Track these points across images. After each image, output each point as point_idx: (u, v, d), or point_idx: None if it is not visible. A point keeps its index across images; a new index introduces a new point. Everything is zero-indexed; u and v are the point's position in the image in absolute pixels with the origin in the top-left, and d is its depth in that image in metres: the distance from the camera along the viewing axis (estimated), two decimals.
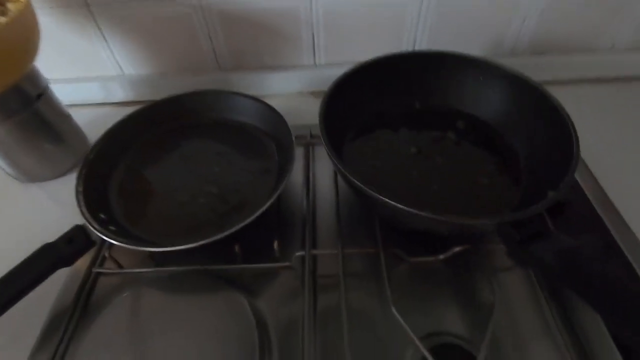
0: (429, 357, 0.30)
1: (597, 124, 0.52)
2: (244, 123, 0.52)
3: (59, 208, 0.47)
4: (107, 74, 0.60)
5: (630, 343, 0.23)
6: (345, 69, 0.45)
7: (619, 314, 0.23)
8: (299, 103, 0.60)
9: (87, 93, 0.61)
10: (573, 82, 0.59)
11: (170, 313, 0.37)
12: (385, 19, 0.54)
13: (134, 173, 0.48)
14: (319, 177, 0.49)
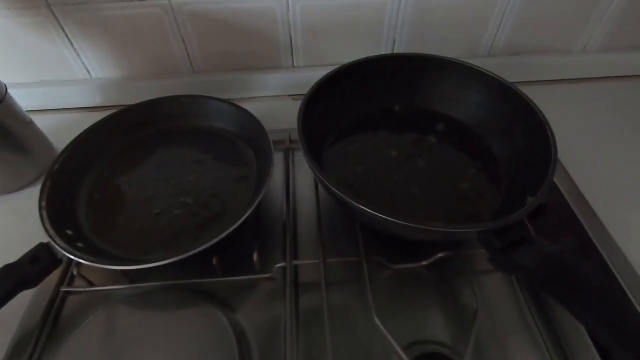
0: None
1: (572, 124, 0.52)
2: (220, 128, 0.50)
3: (23, 223, 0.43)
4: (73, 78, 0.57)
5: (612, 352, 0.23)
6: (325, 72, 0.44)
7: (601, 322, 0.23)
8: (277, 106, 0.58)
9: (52, 98, 0.58)
10: (548, 82, 0.61)
11: (146, 331, 0.35)
12: (364, 21, 0.53)
13: (104, 182, 0.45)
14: (299, 182, 0.48)
